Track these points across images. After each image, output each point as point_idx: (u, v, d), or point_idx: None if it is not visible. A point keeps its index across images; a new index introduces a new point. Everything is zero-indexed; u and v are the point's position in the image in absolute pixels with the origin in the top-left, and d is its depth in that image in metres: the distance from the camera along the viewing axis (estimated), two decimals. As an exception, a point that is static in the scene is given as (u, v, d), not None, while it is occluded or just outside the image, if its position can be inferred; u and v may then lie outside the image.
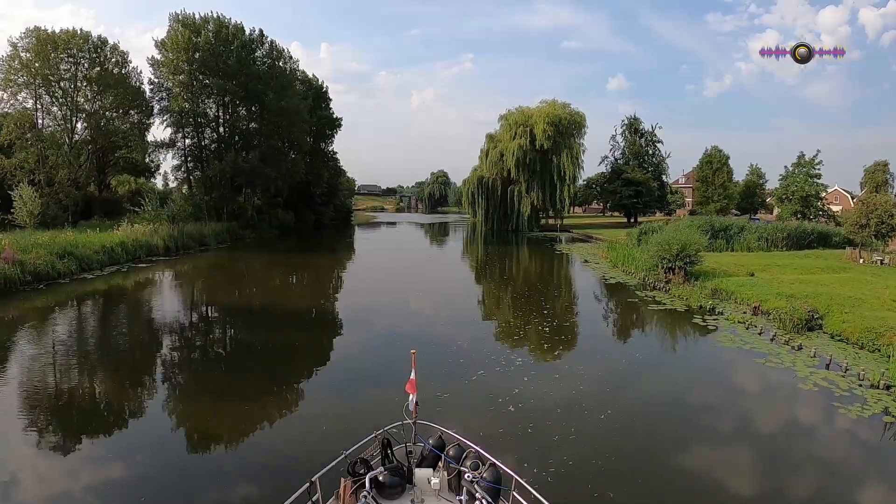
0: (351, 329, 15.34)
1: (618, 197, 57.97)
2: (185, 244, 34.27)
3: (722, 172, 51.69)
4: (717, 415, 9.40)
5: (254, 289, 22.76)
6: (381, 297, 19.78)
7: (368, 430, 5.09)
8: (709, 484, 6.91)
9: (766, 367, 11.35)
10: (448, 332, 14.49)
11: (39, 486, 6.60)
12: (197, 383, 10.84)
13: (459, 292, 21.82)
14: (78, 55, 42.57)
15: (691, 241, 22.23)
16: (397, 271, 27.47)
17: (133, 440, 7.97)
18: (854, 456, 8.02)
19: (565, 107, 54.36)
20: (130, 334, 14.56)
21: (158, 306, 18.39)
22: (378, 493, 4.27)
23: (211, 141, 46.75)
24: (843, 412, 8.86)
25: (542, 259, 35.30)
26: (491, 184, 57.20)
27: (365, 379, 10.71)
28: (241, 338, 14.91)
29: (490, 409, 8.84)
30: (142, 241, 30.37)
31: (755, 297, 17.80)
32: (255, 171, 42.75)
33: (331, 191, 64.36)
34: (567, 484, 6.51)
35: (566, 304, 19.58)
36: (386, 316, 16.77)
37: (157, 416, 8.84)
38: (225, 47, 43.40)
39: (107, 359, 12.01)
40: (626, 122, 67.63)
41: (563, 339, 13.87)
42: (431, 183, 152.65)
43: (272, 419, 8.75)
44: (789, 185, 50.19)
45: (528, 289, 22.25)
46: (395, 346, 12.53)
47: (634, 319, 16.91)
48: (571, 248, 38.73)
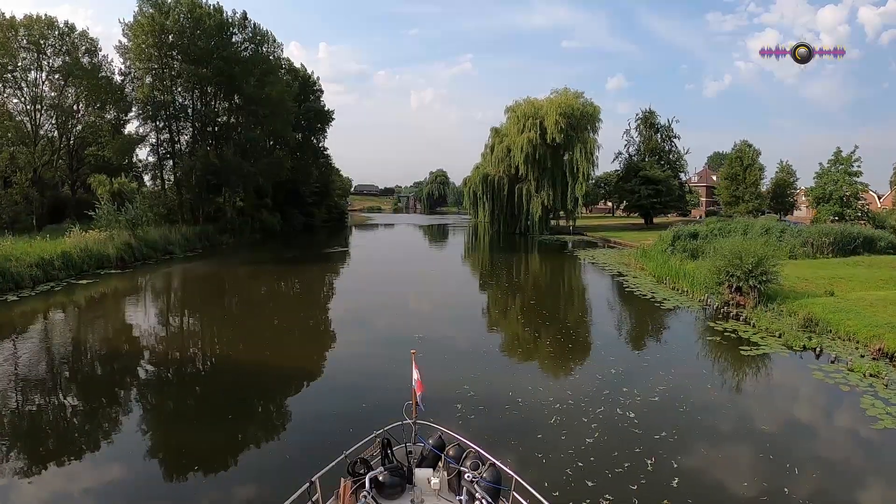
0: (333, 400, 10.14)
1: (636, 196, 52.92)
2: (145, 254, 29.40)
3: (753, 169, 46.75)
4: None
5: (196, 324, 17.78)
6: (375, 355, 13.87)
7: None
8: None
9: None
10: (479, 422, 8.92)
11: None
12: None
13: (475, 333, 16.96)
14: (41, 42, 37.84)
15: (768, 253, 17.38)
16: (394, 300, 19.72)
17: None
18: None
19: (578, 97, 49.40)
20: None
21: (62, 349, 13.32)
22: (378, 493, 4.23)
23: (185, 135, 41.89)
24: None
25: (566, 272, 30.15)
26: (497, 182, 52.25)
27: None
28: (162, 411, 9.79)
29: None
30: (92, 252, 25.55)
31: (863, 330, 13.14)
32: (231, 167, 37.64)
33: (322, 190, 59.35)
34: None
35: (630, 346, 14.43)
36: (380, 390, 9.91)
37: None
38: (198, 29, 38.45)
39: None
40: (640, 116, 62.79)
41: (654, 427, 8.32)
42: (430, 183, 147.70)
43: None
44: (826, 184, 45.42)
45: (567, 321, 17.07)
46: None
47: (736, 376, 11.56)
48: (595, 256, 33.74)
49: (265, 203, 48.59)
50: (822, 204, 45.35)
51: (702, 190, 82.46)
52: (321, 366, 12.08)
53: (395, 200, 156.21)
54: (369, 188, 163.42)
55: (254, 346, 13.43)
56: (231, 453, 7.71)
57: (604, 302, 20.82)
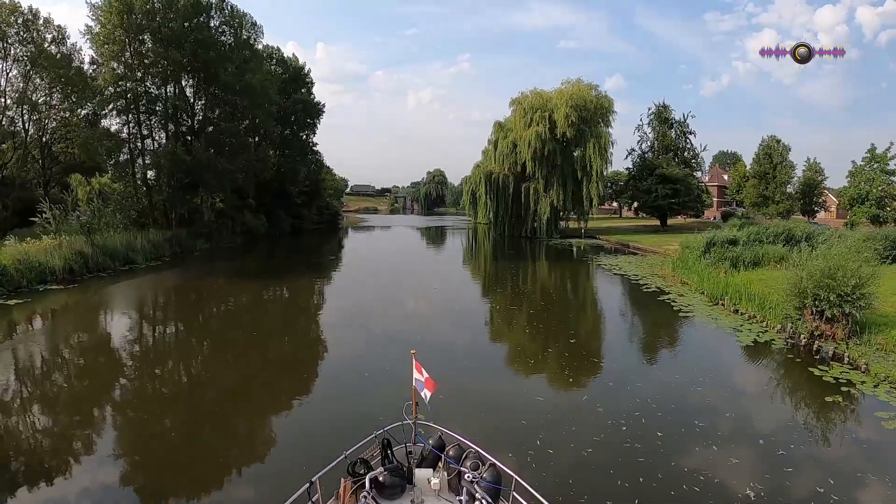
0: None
1: (652, 197, 48.69)
2: (101, 264, 25.16)
3: (784, 167, 42.66)
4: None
5: (131, 365, 13.59)
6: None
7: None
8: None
9: None
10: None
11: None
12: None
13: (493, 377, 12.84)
14: (5, 29, 33.82)
15: (865, 273, 13.27)
16: (393, 327, 15.61)
17: None
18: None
19: (591, 88, 45.26)
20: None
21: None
22: (378, 494, 4.20)
23: (157, 129, 37.58)
24: None
25: (597, 288, 25.58)
26: (502, 180, 47.99)
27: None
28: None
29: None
30: (32, 264, 21.35)
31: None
32: (204, 164, 33.28)
33: (312, 189, 54.98)
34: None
35: (733, 417, 9.41)
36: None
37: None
38: (170, 9, 34.20)
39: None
40: (653, 111, 58.74)
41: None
42: (427, 183, 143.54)
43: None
44: (860, 183, 41.48)
45: (626, 370, 13.06)
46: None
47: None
48: (619, 265, 29.49)
49: (248, 204, 44.25)
50: (858, 205, 41.45)
51: (713, 190, 78.66)
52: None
53: (391, 201, 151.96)
54: (365, 188, 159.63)
55: (188, 418, 9.23)
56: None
57: (662, 336, 15.86)
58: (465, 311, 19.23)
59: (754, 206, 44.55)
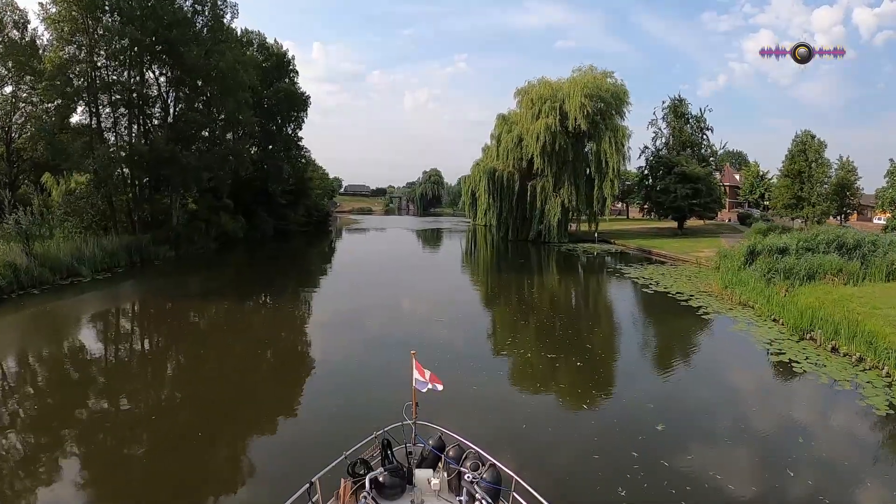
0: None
1: (671, 197, 44.29)
2: (39, 277, 20.66)
3: (820, 166, 38.40)
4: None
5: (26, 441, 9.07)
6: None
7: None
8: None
9: None
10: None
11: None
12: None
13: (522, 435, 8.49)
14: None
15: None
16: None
17: None
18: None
19: (607, 76, 40.85)
20: None
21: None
22: (378, 494, 4.15)
23: (120, 120, 32.97)
24: None
25: (635, 311, 20.17)
26: (506, 178, 43.52)
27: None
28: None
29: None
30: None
31: None
32: (164, 158, 28.60)
33: (299, 189, 50.37)
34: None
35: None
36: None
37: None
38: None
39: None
40: (667, 105, 54.56)
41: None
42: (423, 183, 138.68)
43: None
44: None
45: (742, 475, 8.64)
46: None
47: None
48: (652, 277, 24.97)
49: (225, 205, 39.65)
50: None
51: (726, 190, 74.74)
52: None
53: (386, 201, 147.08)
54: (360, 189, 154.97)
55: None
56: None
57: (782, 407, 10.31)
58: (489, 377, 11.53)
59: (788, 209, 40.21)
